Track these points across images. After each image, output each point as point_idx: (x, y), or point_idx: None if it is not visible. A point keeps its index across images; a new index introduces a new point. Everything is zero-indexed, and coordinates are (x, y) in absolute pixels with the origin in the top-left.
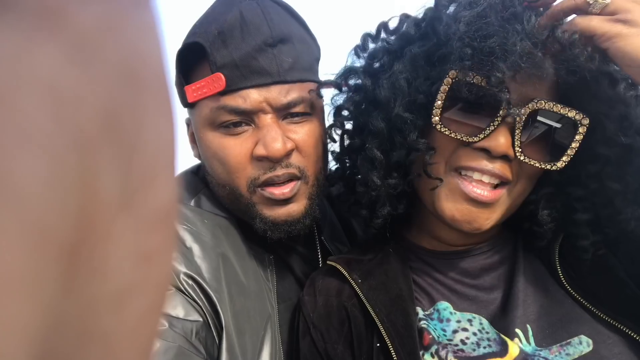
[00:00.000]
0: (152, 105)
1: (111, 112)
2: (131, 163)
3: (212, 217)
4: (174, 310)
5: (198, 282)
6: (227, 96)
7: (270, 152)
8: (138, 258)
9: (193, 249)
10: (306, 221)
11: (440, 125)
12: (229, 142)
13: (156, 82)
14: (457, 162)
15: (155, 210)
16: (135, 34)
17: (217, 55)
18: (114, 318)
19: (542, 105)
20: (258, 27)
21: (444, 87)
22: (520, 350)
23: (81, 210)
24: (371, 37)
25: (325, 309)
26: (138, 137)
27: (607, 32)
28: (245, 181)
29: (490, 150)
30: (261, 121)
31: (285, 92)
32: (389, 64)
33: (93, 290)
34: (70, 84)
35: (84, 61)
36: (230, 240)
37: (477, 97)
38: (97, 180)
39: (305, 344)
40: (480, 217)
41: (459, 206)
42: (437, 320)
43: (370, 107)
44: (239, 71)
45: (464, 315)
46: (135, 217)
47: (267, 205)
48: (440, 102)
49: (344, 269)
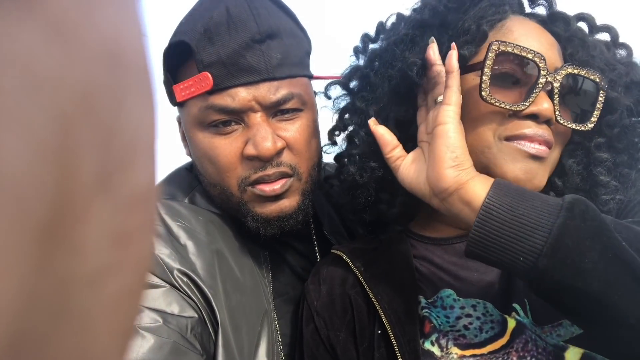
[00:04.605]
0: (132, 87)
1: (90, 93)
2: (110, 144)
3: (207, 213)
4: (168, 307)
5: (192, 279)
6: (215, 95)
7: (260, 152)
8: (116, 239)
9: (187, 246)
10: (299, 217)
11: (490, 96)
12: (218, 141)
13: (136, 64)
14: (506, 131)
15: (134, 191)
16: (114, 15)
17: (203, 53)
18: (91, 298)
19: (571, 70)
20: (245, 23)
21: (490, 58)
22: (517, 322)
23: (59, 189)
24: (370, 38)
25: (328, 297)
26: (117, 118)
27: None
28: (235, 181)
29: (539, 114)
30: (251, 120)
31: (274, 89)
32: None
33: (70, 269)
34: (48, 64)
35: (63, 41)
36: (224, 236)
37: (516, 65)
38: (76, 160)
39: (309, 331)
40: (539, 173)
41: (521, 165)
42: (440, 308)
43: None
44: (227, 69)
45: (468, 301)
46: (113, 198)
47: (259, 203)
48: (488, 76)
49: (348, 257)
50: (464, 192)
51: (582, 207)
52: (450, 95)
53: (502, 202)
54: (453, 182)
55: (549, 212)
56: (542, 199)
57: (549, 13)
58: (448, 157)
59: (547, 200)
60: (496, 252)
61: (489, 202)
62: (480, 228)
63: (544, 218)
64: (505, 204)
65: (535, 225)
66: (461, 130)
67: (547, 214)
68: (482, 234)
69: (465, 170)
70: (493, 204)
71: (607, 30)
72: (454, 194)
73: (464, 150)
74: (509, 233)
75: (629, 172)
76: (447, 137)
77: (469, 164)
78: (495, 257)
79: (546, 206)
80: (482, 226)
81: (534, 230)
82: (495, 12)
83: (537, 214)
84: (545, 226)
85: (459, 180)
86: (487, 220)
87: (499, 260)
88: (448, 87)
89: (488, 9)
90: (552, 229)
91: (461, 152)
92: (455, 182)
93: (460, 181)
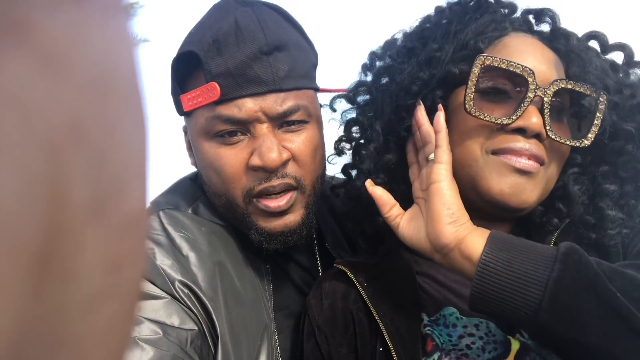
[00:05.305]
0: (123, 113)
1: (80, 121)
2: (101, 171)
3: (209, 224)
4: (169, 319)
5: (194, 291)
6: (222, 105)
7: (265, 163)
8: (108, 265)
9: (189, 257)
10: (303, 231)
11: (474, 109)
12: (224, 152)
13: (127, 90)
14: (493, 145)
15: (126, 217)
16: (105, 42)
17: (211, 64)
18: (85, 324)
19: (564, 84)
20: (253, 35)
21: (474, 73)
22: (522, 343)
23: (51, 219)
24: (377, 55)
25: (330, 312)
26: (108, 145)
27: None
28: (240, 191)
29: (526, 128)
30: (257, 130)
31: (280, 100)
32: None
33: (64, 297)
34: (37, 94)
35: (52, 71)
36: (227, 248)
37: (505, 80)
38: (67, 189)
39: (309, 347)
40: (527, 188)
41: (506, 179)
42: (442, 326)
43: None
44: (234, 80)
45: (471, 320)
46: (106, 225)
47: (263, 217)
48: (472, 88)
49: (351, 272)
50: (465, 247)
51: (576, 258)
52: (441, 154)
53: (499, 257)
54: (453, 237)
55: (545, 264)
56: (538, 251)
57: (551, 29)
58: (445, 214)
59: (542, 252)
60: (497, 306)
61: (485, 258)
62: (480, 284)
63: (539, 271)
64: (501, 259)
65: (531, 279)
66: (454, 186)
67: (543, 266)
68: (481, 290)
69: (463, 225)
70: (490, 259)
71: (621, 49)
72: (455, 249)
73: (459, 206)
74: (506, 287)
75: (635, 203)
76: (443, 195)
77: (466, 219)
78: (497, 310)
79: (541, 258)
80: (481, 282)
81: (530, 285)
82: (495, 28)
83: (533, 267)
84: (541, 280)
85: (458, 235)
86: (484, 277)
87: (501, 313)
88: (438, 147)
89: (488, 24)
90: (548, 283)
91: (457, 208)
92: (455, 238)
93: (460, 236)
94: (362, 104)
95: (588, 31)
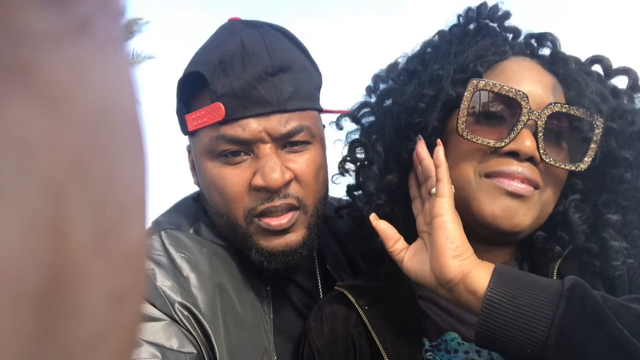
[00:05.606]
0: (124, 148)
1: (81, 158)
2: (103, 207)
3: (211, 245)
4: (168, 341)
5: (193, 313)
6: (227, 125)
7: (268, 183)
8: (111, 299)
9: (190, 279)
10: (304, 251)
11: (466, 132)
12: (227, 171)
13: (128, 125)
14: (486, 168)
15: (127, 250)
16: (105, 79)
17: (217, 84)
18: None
19: (558, 108)
20: (259, 56)
21: (467, 97)
22: None
23: (54, 257)
24: (380, 78)
25: (330, 336)
26: (109, 181)
27: None
28: (242, 211)
29: (519, 152)
30: (260, 151)
31: (284, 121)
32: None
33: (68, 334)
34: (39, 134)
35: (53, 110)
36: (227, 269)
37: (500, 104)
38: (70, 227)
39: None
40: (519, 211)
41: (498, 202)
42: (444, 351)
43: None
44: (239, 101)
45: (473, 345)
46: (107, 259)
47: (264, 236)
48: (465, 111)
49: (352, 295)
50: (470, 282)
51: (581, 293)
52: (442, 188)
53: (504, 293)
54: (457, 272)
55: (550, 300)
56: (543, 286)
57: (550, 53)
58: (449, 248)
59: (547, 287)
60: (503, 343)
61: (491, 294)
62: (485, 322)
63: (545, 307)
64: (506, 295)
65: (537, 316)
66: (457, 219)
67: (548, 302)
68: (487, 327)
69: (468, 259)
70: (495, 295)
71: (626, 74)
72: (460, 284)
73: (463, 240)
74: (512, 324)
75: (639, 233)
76: (446, 229)
77: (470, 252)
78: (504, 347)
79: (546, 294)
80: (486, 320)
81: (536, 322)
82: (495, 52)
83: (539, 303)
84: (547, 317)
85: (462, 269)
86: (490, 313)
87: (508, 350)
88: (439, 181)
89: (488, 48)
90: (554, 320)
91: (460, 241)
92: (460, 272)
93: (464, 270)
94: (367, 125)
95: (592, 55)
